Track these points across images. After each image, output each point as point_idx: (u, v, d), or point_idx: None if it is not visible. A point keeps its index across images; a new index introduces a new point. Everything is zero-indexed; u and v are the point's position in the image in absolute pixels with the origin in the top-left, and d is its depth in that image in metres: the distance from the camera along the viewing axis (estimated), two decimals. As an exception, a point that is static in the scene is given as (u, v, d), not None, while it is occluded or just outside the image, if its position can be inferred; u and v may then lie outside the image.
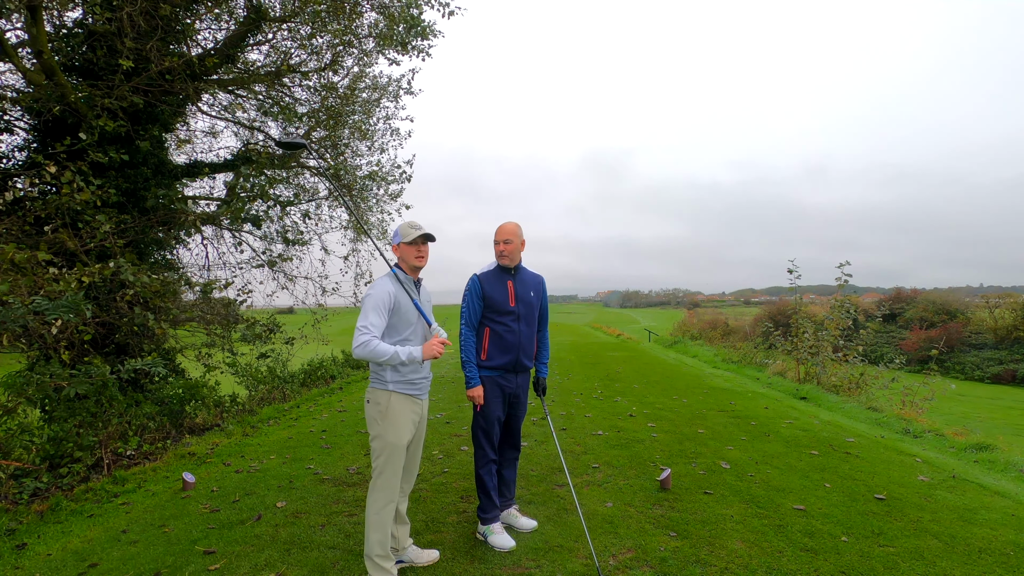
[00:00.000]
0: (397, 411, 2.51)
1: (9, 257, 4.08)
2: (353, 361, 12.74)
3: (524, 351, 3.04)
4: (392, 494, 2.52)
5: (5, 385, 4.66)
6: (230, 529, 3.25)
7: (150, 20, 5.82)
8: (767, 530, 3.10)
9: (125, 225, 5.93)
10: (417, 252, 2.57)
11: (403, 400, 2.54)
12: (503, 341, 2.98)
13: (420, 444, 2.74)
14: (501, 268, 3.06)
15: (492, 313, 2.99)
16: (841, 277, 9.93)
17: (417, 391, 2.59)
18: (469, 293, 3.02)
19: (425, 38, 7.83)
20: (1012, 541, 2.97)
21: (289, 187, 9.55)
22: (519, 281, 3.06)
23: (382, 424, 2.50)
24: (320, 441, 5.30)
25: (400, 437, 2.51)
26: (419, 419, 2.64)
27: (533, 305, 3.08)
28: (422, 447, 2.77)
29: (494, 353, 2.98)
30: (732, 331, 28.67)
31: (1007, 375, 28.10)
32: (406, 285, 2.55)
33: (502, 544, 2.90)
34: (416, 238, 2.54)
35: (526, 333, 3.04)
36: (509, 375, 3.03)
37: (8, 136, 6.32)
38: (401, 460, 2.53)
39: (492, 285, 3.00)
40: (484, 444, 3.02)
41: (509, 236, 3.00)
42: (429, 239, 2.59)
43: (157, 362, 4.97)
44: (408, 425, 2.55)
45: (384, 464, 2.50)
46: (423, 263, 2.62)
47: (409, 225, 2.58)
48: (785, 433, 5.34)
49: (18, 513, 3.65)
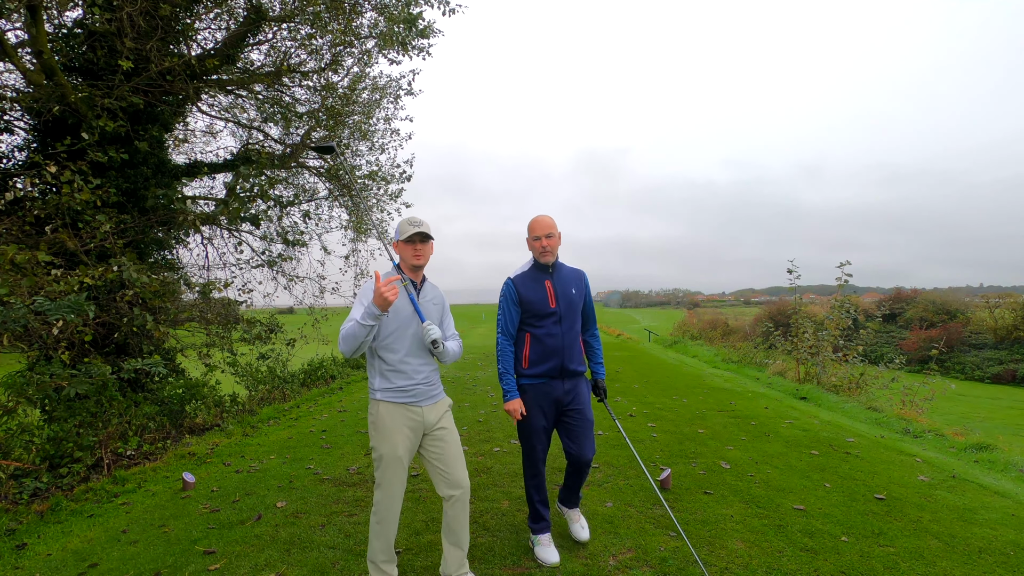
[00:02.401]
0: (387, 421, 2.36)
1: (9, 257, 4.08)
2: (353, 361, 12.75)
3: (569, 355, 2.79)
4: (391, 504, 2.39)
5: (5, 385, 4.66)
6: (230, 529, 3.25)
7: (150, 20, 5.82)
8: (767, 530, 3.10)
9: (125, 225, 5.93)
10: (414, 250, 2.42)
11: (393, 409, 2.38)
12: (544, 346, 2.77)
13: (449, 451, 2.47)
14: (537, 267, 2.86)
15: (531, 318, 2.80)
16: (841, 277, 9.93)
17: (410, 398, 2.40)
18: (505, 299, 2.83)
19: (425, 37, 7.83)
20: (1012, 541, 2.97)
21: (289, 187, 9.55)
22: (558, 279, 2.84)
23: (375, 435, 2.39)
24: (320, 441, 5.30)
25: (393, 448, 2.34)
26: (419, 427, 2.42)
27: (575, 303, 2.85)
28: (456, 454, 2.49)
29: (536, 360, 2.79)
30: (732, 331, 28.70)
31: (1007, 375, 28.12)
32: (407, 283, 2.42)
33: (544, 558, 2.75)
34: (412, 235, 2.39)
35: (569, 335, 2.81)
36: (555, 381, 2.80)
37: (8, 136, 6.32)
38: (398, 472, 2.37)
39: (528, 287, 2.81)
40: (527, 455, 2.86)
41: (550, 229, 2.78)
42: (426, 238, 2.43)
43: (157, 362, 4.97)
44: (401, 436, 2.37)
45: (380, 476, 2.37)
46: (420, 261, 2.45)
47: (408, 222, 2.43)
48: (785, 433, 5.34)
49: (18, 513, 3.65)
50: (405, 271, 2.48)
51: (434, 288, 2.60)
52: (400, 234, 2.44)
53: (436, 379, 2.52)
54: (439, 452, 2.46)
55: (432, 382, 2.48)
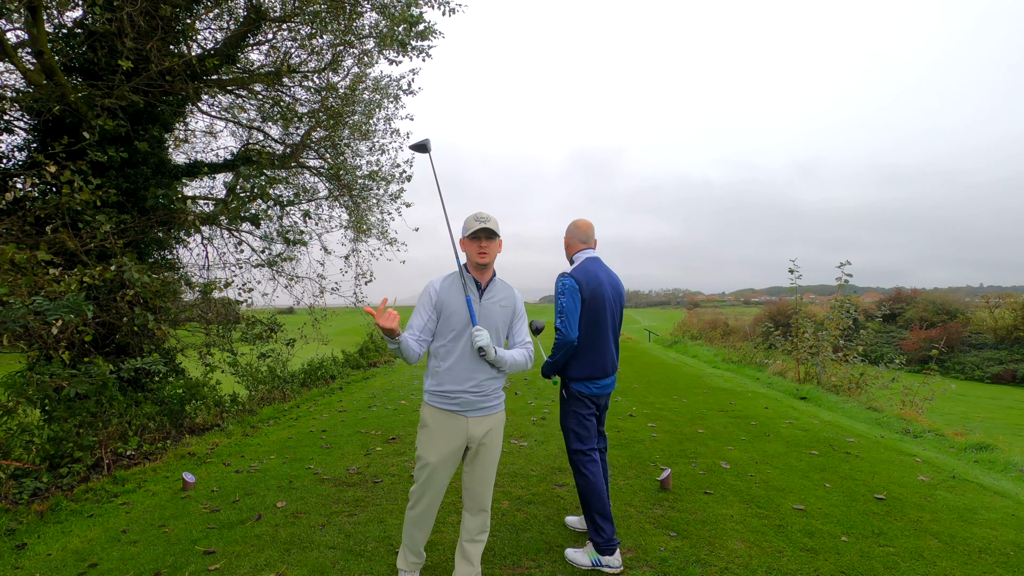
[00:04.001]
0: (430, 425, 2.28)
1: (9, 257, 4.08)
2: (353, 361, 12.75)
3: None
4: (424, 512, 2.33)
5: (5, 385, 4.66)
6: (230, 529, 3.25)
7: (150, 20, 5.82)
8: (767, 530, 3.10)
9: (125, 225, 5.93)
10: (479, 247, 2.25)
11: (436, 414, 2.28)
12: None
13: (484, 471, 2.35)
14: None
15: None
16: (841, 277, 9.94)
17: (455, 407, 2.25)
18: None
19: (425, 38, 7.83)
20: (1012, 541, 2.97)
21: (289, 187, 9.55)
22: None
23: (419, 435, 2.32)
24: (320, 441, 5.30)
25: (428, 452, 2.26)
26: (462, 439, 2.28)
27: None
28: (488, 476, 2.37)
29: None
30: (732, 331, 28.69)
31: (1007, 375, 28.12)
32: (466, 283, 2.29)
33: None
34: (477, 231, 2.24)
35: None
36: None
37: (8, 136, 6.32)
38: (435, 480, 2.28)
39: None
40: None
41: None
42: (492, 234, 2.26)
43: (157, 360, 4.97)
44: (442, 443, 2.25)
45: (417, 474, 2.31)
46: (485, 260, 2.27)
47: (474, 217, 2.27)
48: (785, 433, 5.34)
49: (18, 513, 3.65)
50: (470, 270, 2.35)
51: (505, 288, 2.42)
52: (465, 230, 2.30)
53: (491, 389, 2.32)
54: (470, 469, 2.37)
55: (485, 392, 2.29)
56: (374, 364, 13.02)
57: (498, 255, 2.36)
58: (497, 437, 2.38)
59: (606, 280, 2.79)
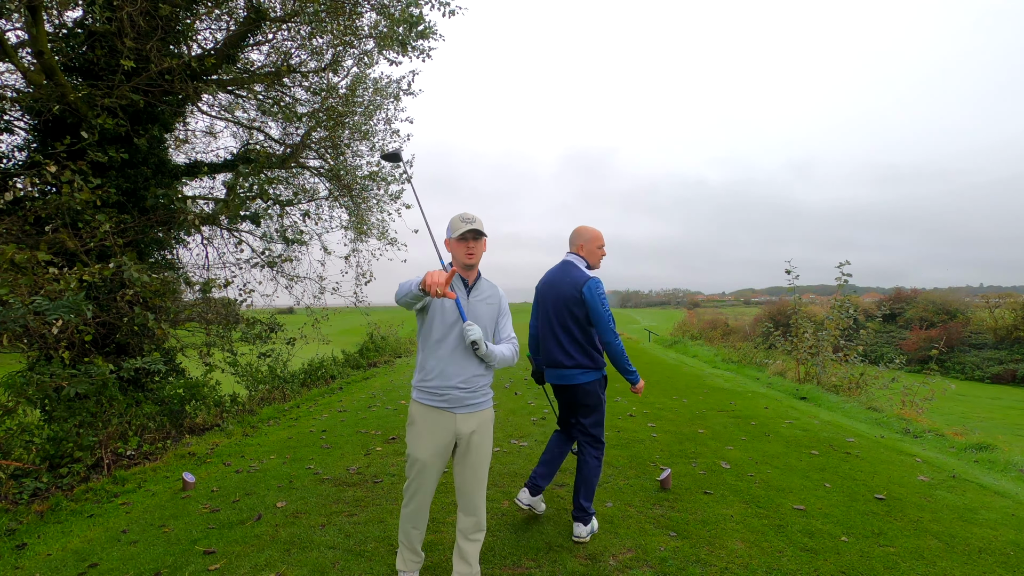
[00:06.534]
0: (417, 422, 2.32)
1: (9, 257, 4.08)
2: (353, 361, 12.75)
3: None
4: (417, 508, 2.37)
5: (5, 385, 4.66)
6: (230, 529, 3.25)
7: (150, 20, 5.83)
8: (767, 530, 3.10)
9: (125, 225, 5.93)
10: (466, 248, 2.30)
11: (423, 411, 2.32)
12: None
13: (474, 469, 2.36)
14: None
15: None
16: (841, 277, 9.93)
17: (442, 403, 2.28)
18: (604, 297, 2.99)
19: (425, 38, 7.83)
20: (1012, 541, 2.97)
21: (288, 187, 9.55)
22: None
23: (407, 432, 2.36)
24: (320, 441, 5.30)
25: (417, 449, 2.29)
26: (450, 436, 2.31)
27: None
28: (479, 474, 2.37)
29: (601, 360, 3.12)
30: (732, 331, 28.71)
31: (1007, 375, 28.13)
32: (454, 282, 2.30)
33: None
34: (465, 232, 2.28)
35: None
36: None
37: (8, 136, 6.32)
38: (425, 476, 2.31)
39: None
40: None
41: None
42: (479, 235, 2.30)
43: (157, 360, 4.97)
44: (429, 440, 2.29)
45: (407, 471, 2.36)
46: (473, 260, 2.32)
47: (460, 218, 2.30)
48: (785, 433, 5.34)
49: (18, 513, 3.66)
50: (458, 270, 2.36)
51: (491, 286, 2.47)
52: (452, 231, 2.33)
53: (479, 385, 2.35)
54: (461, 468, 2.38)
55: (473, 388, 2.32)
56: (374, 364, 13.03)
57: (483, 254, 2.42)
58: (486, 435, 2.41)
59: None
